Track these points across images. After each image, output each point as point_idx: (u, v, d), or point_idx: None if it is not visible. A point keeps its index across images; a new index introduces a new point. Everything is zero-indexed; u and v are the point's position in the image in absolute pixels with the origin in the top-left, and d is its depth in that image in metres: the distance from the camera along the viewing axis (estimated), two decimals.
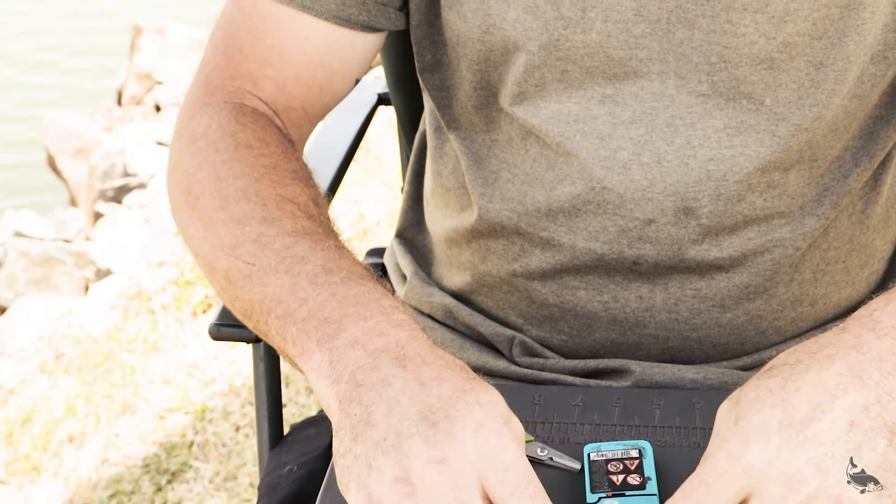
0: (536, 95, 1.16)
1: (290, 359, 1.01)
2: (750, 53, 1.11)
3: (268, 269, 1.02)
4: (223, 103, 1.19)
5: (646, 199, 1.15)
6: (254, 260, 1.04)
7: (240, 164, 1.12)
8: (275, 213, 1.07)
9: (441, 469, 0.87)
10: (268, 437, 1.35)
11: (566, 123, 1.15)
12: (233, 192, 1.10)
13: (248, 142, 1.14)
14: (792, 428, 0.88)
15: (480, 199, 1.23)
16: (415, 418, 0.89)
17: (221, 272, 1.07)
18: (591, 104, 1.15)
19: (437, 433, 0.88)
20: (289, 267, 1.02)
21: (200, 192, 1.12)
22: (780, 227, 1.18)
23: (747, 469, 0.87)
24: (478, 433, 0.89)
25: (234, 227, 1.07)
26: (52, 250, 5.27)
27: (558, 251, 1.20)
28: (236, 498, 2.68)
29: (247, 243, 1.05)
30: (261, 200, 1.08)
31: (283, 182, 1.11)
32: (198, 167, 1.13)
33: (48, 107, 7.69)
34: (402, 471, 0.87)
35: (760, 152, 1.13)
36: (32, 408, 3.23)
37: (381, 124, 4.05)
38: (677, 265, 1.18)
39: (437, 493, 0.86)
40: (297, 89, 1.22)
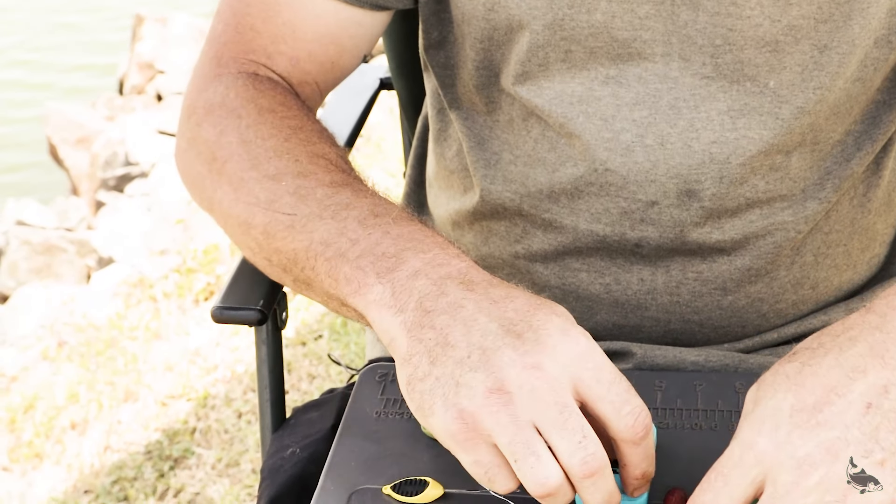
0: (540, 75, 1.16)
1: (337, 301, 1.00)
2: (755, 36, 1.11)
3: (311, 217, 1.02)
4: (237, 73, 1.20)
5: (648, 181, 1.15)
6: (294, 210, 1.04)
7: (266, 126, 1.12)
8: (309, 167, 1.07)
9: (537, 374, 0.87)
10: (270, 420, 1.35)
11: (569, 104, 1.15)
12: (262, 151, 1.09)
13: (271, 106, 1.15)
14: (804, 412, 0.87)
15: (483, 181, 1.23)
16: (497, 332, 0.90)
17: (259, 227, 1.07)
18: (594, 85, 1.15)
19: (524, 342, 0.89)
20: (334, 213, 1.02)
21: (227, 156, 1.11)
22: (782, 211, 1.18)
23: (759, 456, 0.87)
24: (566, 337, 0.90)
25: (268, 183, 1.07)
26: (54, 239, 5.28)
27: (560, 233, 1.20)
28: (238, 484, 2.68)
29: (285, 196, 1.05)
30: (293, 157, 1.08)
31: (311, 140, 1.11)
32: (221, 134, 1.13)
33: (50, 96, 7.69)
34: (495, 382, 0.88)
35: (763, 135, 1.13)
36: (35, 395, 3.23)
37: (382, 112, 4.05)
38: (679, 247, 1.18)
39: (535, 398, 0.87)
40: (309, 65, 1.22)
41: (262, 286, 1.30)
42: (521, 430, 0.87)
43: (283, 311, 1.33)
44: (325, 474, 1.09)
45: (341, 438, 1.13)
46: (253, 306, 1.28)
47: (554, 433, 0.87)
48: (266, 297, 1.29)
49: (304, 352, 3.05)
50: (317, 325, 3.15)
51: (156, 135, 6.34)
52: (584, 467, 0.87)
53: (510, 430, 0.87)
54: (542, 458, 0.87)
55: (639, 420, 0.89)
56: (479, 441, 0.89)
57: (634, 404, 0.89)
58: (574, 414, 0.87)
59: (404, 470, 1.08)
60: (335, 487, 1.07)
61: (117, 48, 8.09)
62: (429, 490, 1.04)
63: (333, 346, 3.01)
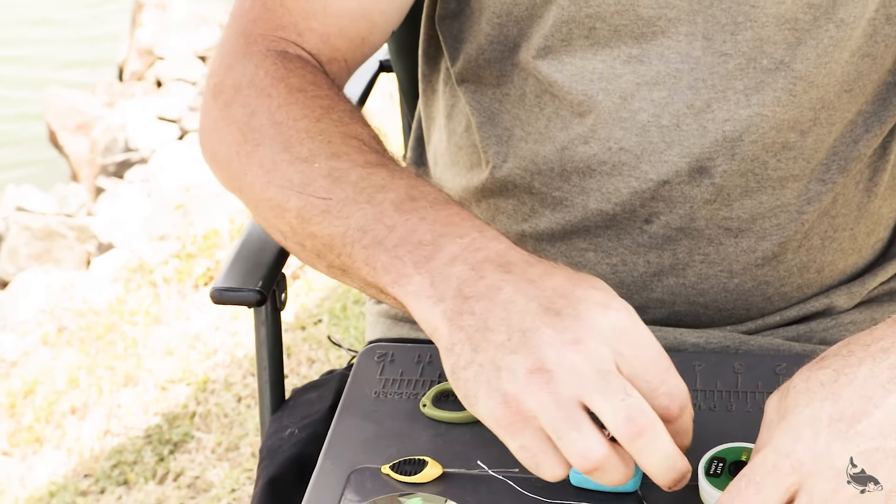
0: (562, 51, 1.16)
1: (374, 289, 0.99)
2: (776, 13, 1.11)
3: (346, 201, 1.00)
4: (266, 51, 1.16)
5: (662, 161, 1.15)
6: (329, 194, 1.01)
7: (297, 106, 1.10)
8: (342, 148, 1.05)
9: (578, 349, 0.86)
10: (269, 401, 1.35)
11: (590, 81, 1.15)
12: (294, 133, 1.07)
13: (301, 85, 1.12)
14: (843, 422, 0.86)
15: (494, 158, 1.22)
16: (536, 311, 0.89)
17: (293, 211, 1.04)
18: (616, 63, 1.14)
19: (563, 319, 0.88)
20: (370, 196, 0.99)
21: (259, 139, 1.09)
22: (791, 192, 1.18)
23: (796, 465, 0.86)
24: (606, 311, 0.88)
25: (301, 166, 1.04)
26: (54, 225, 5.28)
27: (569, 212, 1.20)
28: (238, 468, 2.69)
29: (318, 179, 1.03)
30: (326, 138, 1.06)
31: (343, 121, 1.09)
32: (251, 115, 1.11)
33: (50, 83, 7.68)
34: (535, 362, 0.86)
35: (777, 111, 1.13)
36: (35, 380, 3.24)
37: (382, 98, 4.04)
38: (688, 226, 1.18)
39: (576, 373, 0.86)
40: (340, 41, 1.20)
41: (261, 268, 1.30)
42: (563, 406, 0.86)
43: (282, 292, 1.33)
44: (323, 454, 1.09)
45: (340, 418, 1.13)
46: (252, 287, 1.28)
47: (597, 398, 0.86)
48: (265, 279, 1.29)
49: (304, 336, 3.06)
50: (316, 310, 3.15)
51: (155, 121, 6.34)
52: (630, 425, 0.85)
53: (551, 408, 0.86)
54: (583, 432, 0.86)
55: (674, 401, 0.88)
56: (524, 424, 0.88)
57: (671, 384, 0.88)
58: (615, 376, 0.86)
59: (403, 449, 1.08)
60: (334, 467, 1.07)
61: (117, 34, 8.09)
62: (428, 469, 1.04)
63: (333, 330, 3.01)
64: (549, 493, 1.02)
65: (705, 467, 0.99)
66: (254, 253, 1.33)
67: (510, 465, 1.05)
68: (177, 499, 2.66)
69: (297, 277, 3.32)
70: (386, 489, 1.04)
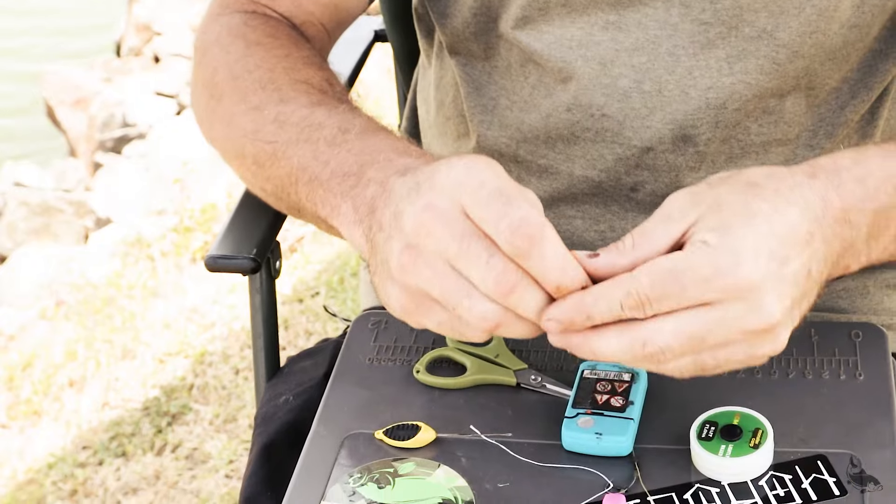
0: (540, 20, 1.16)
1: (325, 224, 1.03)
2: None
3: (289, 143, 1.05)
4: (234, 13, 1.22)
5: (645, 126, 1.15)
6: (276, 138, 1.07)
7: (252, 59, 1.15)
8: (290, 94, 1.10)
9: (428, 214, 0.87)
10: (264, 369, 1.36)
11: (568, 48, 1.15)
12: (249, 84, 1.13)
13: (258, 39, 1.17)
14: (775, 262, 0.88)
15: (479, 127, 1.23)
16: (405, 195, 0.90)
17: (250, 158, 1.10)
18: (594, 30, 1.14)
19: (420, 192, 0.89)
20: (308, 136, 1.04)
21: (220, 94, 1.15)
22: (776, 157, 1.18)
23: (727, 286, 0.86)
24: (450, 170, 0.89)
25: (254, 115, 1.10)
26: (52, 200, 5.27)
27: (555, 179, 1.20)
28: (236, 439, 2.69)
29: (267, 125, 1.08)
30: (276, 86, 1.11)
31: (295, 68, 1.13)
32: (214, 72, 1.17)
33: (47, 59, 7.67)
34: (402, 241, 0.88)
35: (760, 79, 1.13)
36: (33, 353, 3.24)
37: (379, 71, 4.03)
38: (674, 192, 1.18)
39: (433, 238, 0.87)
40: (312, 6, 1.24)
41: (256, 235, 1.31)
42: (444, 276, 0.87)
43: (276, 259, 1.33)
44: (317, 420, 1.09)
45: (334, 385, 1.13)
46: (246, 255, 1.28)
47: (461, 265, 0.87)
48: (259, 246, 1.29)
49: (301, 308, 3.06)
50: (313, 283, 3.15)
51: (153, 96, 6.32)
52: (498, 287, 0.86)
53: (433, 281, 0.87)
54: (473, 297, 0.87)
55: (517, 232, 0.85)
56: (425, 304, 0.89)
57: (513, 216, 0.86)
58: (473, 239, 0.86)
59: (397, 415, 1.08)
60: (328, 433, 1.08)
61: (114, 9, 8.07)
62: (421, 434, 1.05)
63: (330, 302, 3.02)
64: (541, 456, 1.02)
65: (697, 431, 1.00)
66: (248, 221, 1.33)
67: (503, 429, 1.06)
68: (175, 470, 2.66)
69: (294, 250, 3.32)
70: (379, 454, 1.04)
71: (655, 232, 0.90)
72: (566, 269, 0.87)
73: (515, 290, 0.87)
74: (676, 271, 0.86)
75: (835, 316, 1.22)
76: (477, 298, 0.87)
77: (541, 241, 0.86)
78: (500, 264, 0.86)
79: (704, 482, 0.99)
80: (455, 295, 0.87)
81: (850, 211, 0.94)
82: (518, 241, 0.85)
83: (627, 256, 0.89)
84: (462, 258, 0.86)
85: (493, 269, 0.86)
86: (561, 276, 0.87)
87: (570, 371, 1.10)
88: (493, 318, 0.88)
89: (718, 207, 0.89)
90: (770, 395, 1.06)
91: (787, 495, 0.97)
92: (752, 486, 0.98)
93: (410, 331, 1.18)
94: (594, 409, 1.03)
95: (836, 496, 0.96)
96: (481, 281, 0.86)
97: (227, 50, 1.18)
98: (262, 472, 1.22)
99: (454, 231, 0.86)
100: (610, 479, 1.00)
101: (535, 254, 0.86)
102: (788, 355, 1.10)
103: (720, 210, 0.89)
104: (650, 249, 0.89)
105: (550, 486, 1.00)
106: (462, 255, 0.86)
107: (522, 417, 1.07)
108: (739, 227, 0.87)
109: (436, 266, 0.87)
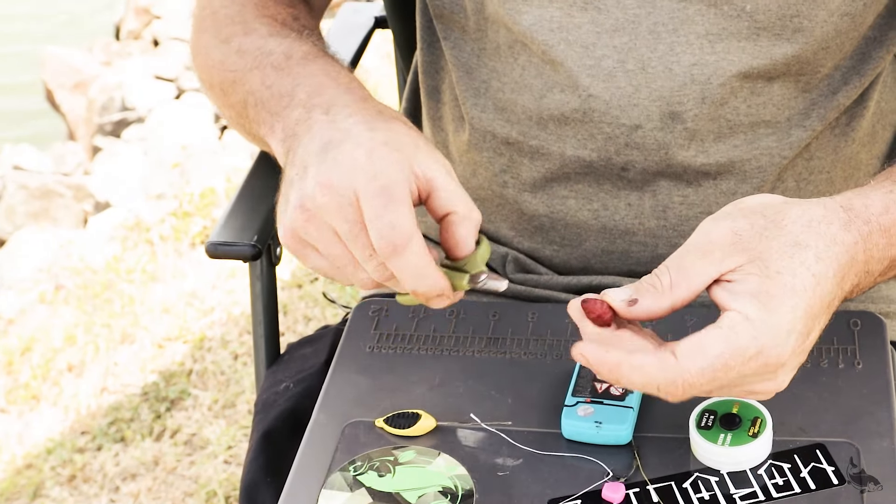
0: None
1: (267, 145, 1.09)
2: None
3: (245, 70, 1.12)
4: None
5: (631, 105, 1.15)
6: (236, 67, 1.14)
7: None
8: (254, 26, 1.17)
9: (326, 191, 0.93)
10: (264, 355, 1.36)
11: (549, 31, 1.16)
12: (222, 19, 1.20)
13: None
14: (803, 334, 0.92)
15: (472, 110, 1.23)
16: (316, 151, 0.96)
17: (217, 86, 1.18)
18: (573, 10, 1.15)
19: (326, 159, 0.95)
20: (259, 63, 1.11)
21: (202, 28, 1.23)
22: (767, 136, 1.18)
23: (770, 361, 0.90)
24: (355, 150, 0.94)
25: (223, 47, 1.17)
26: (51, 183, 5.26)
27: (547, 160, 1.21)
28: (235, 425, 2.69)
29: (231, 55, 1.15)
30: (243, 20, 1.18)
31: (265, 4, 1.21)
32: (201, 8, 1.25)
33: (46, 41, 7.65)
34: (300, 198, 0.94)
35: (742, 59, 1.14)
36: (32, 337, 3.24)
37: (379, 57, 4.03)
38: (665, 171, 1.18)
39: (326, 211, 0.93)
40: None
41: (256, 222, 1.31)
42: (329, 243, 0.94)
43: (277, 246, 1.33)
44: (318, 408, 1.09)
45: (335, 372, 1.13)
46: (247, 242, 1.28)
47: (349, 244, 0.94)
48: (260, 233, 1.29)
49: (300, 294, 3.06)
50: None
51: (152, 80, 6.31)
52: (375, 275, 0.95)
53: (320, 242, 0.95)
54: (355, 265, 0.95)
55: (384, 237, 0.92)
56: (308, 250, 0.96)
57: (384, 220, 0.92)
58: (361, 230, 0.93)
59: (397, 403, 1.09)
60: (328, 420, 1.08)
61: None
62: (421, 422, 1.05)
63: (329, 288, 3.01)
64: (541, 445, 1.03)
65: (696, 420, 1.00)
66: (249, 208, 1.33)
67: (503, 418, 1.06)
68: (174, 455, 2.66)
69: None
70: (380, 442, 1.05)
71: (694, 270, 0.92)
72: (421, 279, 0.94)
73: (390, 282, 0.95)
74: (724, 357, 0.89)
75: None
76: (360, 268, 0.95)
77: (404, 250, 0.92)
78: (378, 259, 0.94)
79: (703, 471, 0.99)
80: (339, 260, 0.95)
81: (870, 262, 0.97)
82: (383, 244, 0.92)
83: (666, 300, 0.92)
84: (349, 241, 0.94)
85: (373, 261, 0.94)
86: (415, 284, 0.94)
87: (568, 359, 1.10)
88: (371, 284, 0.96)
89: (765, 269, 0.91)
90: None
91: (786, 484, 0.97)
92: (751, 474, 0.98)
93: (411, 318, 1.19)
94: (594, 398, 1.04)
95: (835, 485, 0.97)
96: (364, 265, 0.94)
97: None
98: (263, 459, 1.23)
99: (345, 215, 0.93)
100: (609, 468, 1.00)
101: (396, 260, 0.93)
102: None
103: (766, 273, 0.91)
104: (688, 292, 0.92)
105: (550, 475, 1.00)
106: (349, 239, 0.93)
107: (522, 406, 1.07)
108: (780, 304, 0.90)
109: (324, 233, 0.94)
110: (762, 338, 0.89)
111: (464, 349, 1.15)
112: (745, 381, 0.91)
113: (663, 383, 0.89)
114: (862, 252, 0.95)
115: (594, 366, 0.91)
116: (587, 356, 0.91)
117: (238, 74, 1.14)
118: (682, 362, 0.89)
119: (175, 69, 6.39)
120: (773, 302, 0.89)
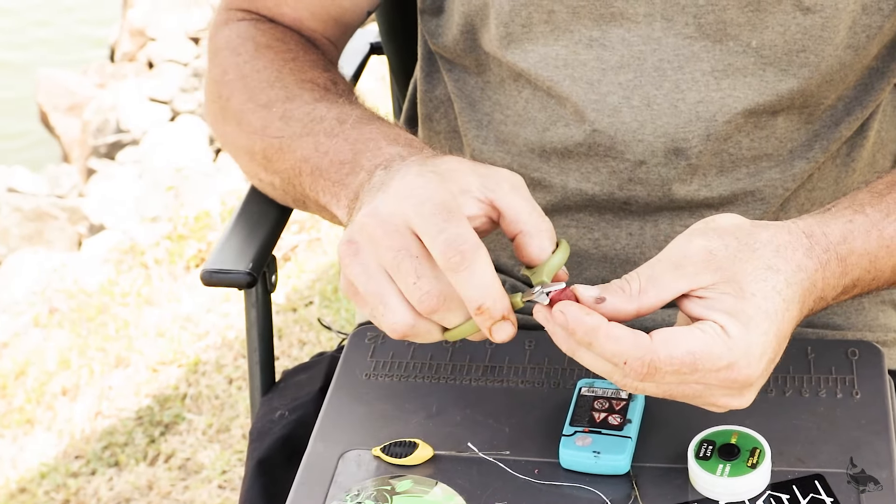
0: (524, 38, 1.16)
1: (328, 212, 1.09)
2: None
3: (294, 137, 1.11)
4: (242, 19, 1.27)
5: (636, 140, 1.15)
6: (282, 133, 1.13)
7: (261, 60, 1.21)
8: (296, 92, 1.15)
9: (373, 221, 0.93)
10: (259, 383, 1.35)
11: (555, 68, 1.16)
12: (257, 83, 1.18)
13: (268, 42, 1.23)
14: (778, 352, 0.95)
15: (474, 141, 1.23)
16: (371, 190, 0.97)
17: (259, 153, 1.16)
18: (578, 48, 1.15)
19: (376, 197, 0.95)
20: (310, 129, 1.10)
21: (229, 94, 1.20)
22: (770, 169, 1.18)
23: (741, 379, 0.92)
24: (403, 178, 0.94)
25: (262, 112, 1.15)
26: (46, 206, 5.26)
27: (549, 192, 1.21)
28: (229, 449, 2.68)
29: (275, 121, 1.14)
30: (283, 85, 1.17)
31: (302, 69, 1.19)
32: (223, 73, 1.22)
33: (41, 63, 7.66)
34: (349, 234, 0.94)
35: (748, 95, 1.14)
36: (26, 361, 3.23)
37: (374, 80, 4.04)
38: (667, 204, 1.18)
39: (374, 244, 0.92)
40: (314, 23, 1.28)
41: (252, 249, 1.30)
42: (371, 278, 0.93)
43: (272, 273, 1.33)
44: (314, 436, 1.09)
45: (331, 400, 1.13)
46: (242, 269, 1.28)
47: (394, 276, 0.92)
48: (255, 260, 1.29)
49: (295, 318, 3.05)
50: (307, 292, 3.15)
51: (147, 102, 6.32)
52: (421, 306, 0.92)
53: (362, 279, 0.93)
54: (389, 306, 0.93)
55: (451, 247, 0.90)
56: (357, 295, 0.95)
57: (449, 232, 0.91)
58: (406, 256, 0.91)
59: (394, 432, 1.08)
60: (325, 449, 1.07)
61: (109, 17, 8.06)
62: (418, 452, 1.05)
63: (324, 312, 3.01)
64: (539, 475, 1.02)
65: (695, 450, 1.00)
66: (245, 234, 1.33)
67: (501, 447, 1.05)
68: (168, 480, 2.66)
69: (287, 259, 3.32)
70: (377, 471, 1.04)
71: (663, 280, 0.93)
72: (490, 291, 0.92)
73: (437, 312, 0.93)
74: (695, 356, 0.90)
75: (830, 333, 1.22)
76: (391, 309, 0.93)
77: (472, 260, 0.90)
78: (425, 286, 0.92)
79: (702, 501, 0.98)
80: (374, 299, 0.93)
81: (826, 289, 0.99)
82: (451, 254, 0.90)
83: (633, 303, 0.93)
84: (394, 272, 0.92)
85: (419, 289, 0.92)
86: (483, 297, 0.92)
87: (566, 388, 1.10)
88: (401, 330, 0.94)
89: (739, 290, 0.92)
90: (767, 413, 1.06)
91: None
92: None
93: (407, 346, 1.18)
94: (592, 427, 1.03)
95: None
96: (409, 296, 0.92)
97: (237, 52, 1.23)
98: (258, 488, 1.22)
99: (392, 242, 0.92)
100: (608, 498, 0.99)
101: (464, 270, 0.91)
102: (785, 374, 1.10)
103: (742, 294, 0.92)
104: (656, 299, 0.93)
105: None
106: (393, 268, 0.92)
107: (520, 435, 1.07)
108: (756, 326, 0.91)
109: (368, 267, 0.93)
110: (736, 353, 0.91)
111: (461, 377, 1.14)
112: (709, 391, 0.93)
113: (631, 359, 0.90)
114: (821, 279, 0.97)
115: (571, 325, 0.91)
116: (566, 314, 0.91)
117: (285, 141, 1.13)
118: (656, 344, 0.90)
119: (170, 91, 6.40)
120: (751, 323, 0.91)
